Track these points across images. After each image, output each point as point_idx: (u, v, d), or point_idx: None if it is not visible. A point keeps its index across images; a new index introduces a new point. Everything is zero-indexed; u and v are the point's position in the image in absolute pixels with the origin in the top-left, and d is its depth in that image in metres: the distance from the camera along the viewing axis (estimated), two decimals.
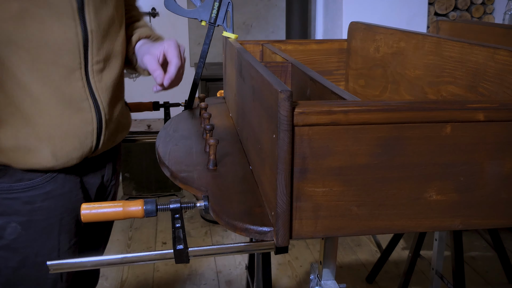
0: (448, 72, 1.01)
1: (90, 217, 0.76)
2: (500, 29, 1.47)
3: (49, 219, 0.95)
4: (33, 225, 0.94)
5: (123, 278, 2.36)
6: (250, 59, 0.95)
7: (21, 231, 0.93)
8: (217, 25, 1.19)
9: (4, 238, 0.93)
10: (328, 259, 0.94)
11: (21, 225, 0.92)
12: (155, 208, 0.77)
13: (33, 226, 0.94)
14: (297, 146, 0.68)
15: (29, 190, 0.91)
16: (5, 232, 0.92)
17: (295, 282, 2.34)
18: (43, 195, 0.93)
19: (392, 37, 1.25)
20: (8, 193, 0.90)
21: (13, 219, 0.92)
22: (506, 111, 0.71)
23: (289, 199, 0.69)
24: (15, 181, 0.90)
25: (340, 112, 0.67)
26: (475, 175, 0.73)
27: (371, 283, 2.31)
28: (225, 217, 0.77)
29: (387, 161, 0.71)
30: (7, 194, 0.90)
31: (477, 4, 3.20)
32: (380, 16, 2.97)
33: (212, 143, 0.94)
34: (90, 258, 0.78)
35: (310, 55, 1.52)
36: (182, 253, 0.77)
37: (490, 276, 2.36)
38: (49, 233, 0.96)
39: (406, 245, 2.63)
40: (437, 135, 0.71)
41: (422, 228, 0.75)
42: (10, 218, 0.92)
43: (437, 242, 1.83)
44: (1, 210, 0.91)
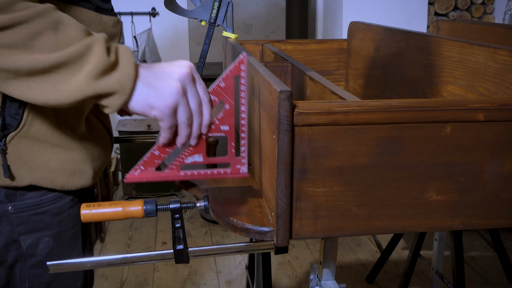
0: (448, 72, 1.01)
1: (90, 217, 0.76)
2: (500, 29, 1.47)
3: (75, 226, 0.94)
4: (63, 236, 0.92)
5: (123, 278, 2.36)
6: (250, 59, 0.95)
7: (53, 244, 0.91)
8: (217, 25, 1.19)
9: (37, 255, 0.91)
10: (328, 259, 0.94)
11: (53, 237, 0.91)
12: (155, 208, 0.77)
13: (63, 237, 0.92)
14: (297, 146, 0.68)
15: (57, 200, 0.90)
16: (38, 248, 0.90)
17: (295, 282, 2.34)
18: (69, 203, 0.92)
19: (392, 37, 1.24)
20: (38, 208, 0.88)
21: (45, 234, 0.90)
22: (506, 111, 0.71)
23: (289, 199, 0.69)
24: (42, 195, 0.88)
25: (340, 112, 0.67)
26: (475, 175, 0.73)
27: (371, 283, 2.31)
28: (225, 217, 0.77)
29: (387, 161, 0.71)
30: (36, 209, 0.88)
31: (477, 4, 3.20)
32: (380, 16, 2.97)
33: (211, 142, 0.94)
34: (90, 258, 0.78)
35: (310, 55, 1.52)
36: (182, 253, 0.76)
37: (490, 276, 2.36)
38: (75, 241, 0.95)
39: (406, 245, 2.63)
40: (437, 135, 0.71)
41: (422, 228, 0.75)
42: (42, 233, 0.90)
43: (437, 242, 1.83)
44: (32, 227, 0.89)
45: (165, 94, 0.70)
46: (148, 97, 0.70)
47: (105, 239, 2.72)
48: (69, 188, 0.89)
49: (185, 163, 0.80)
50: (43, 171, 0.85)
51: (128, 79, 0.68)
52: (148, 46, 3.22)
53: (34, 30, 0.65)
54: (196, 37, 3.39)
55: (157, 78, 0.71)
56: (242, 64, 0.77)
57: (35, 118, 0.81)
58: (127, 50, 0.70)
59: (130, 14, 3.22)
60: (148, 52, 3.24)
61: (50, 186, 0.86)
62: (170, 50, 3.34)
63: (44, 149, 0.84)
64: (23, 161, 0.83)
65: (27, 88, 0.67)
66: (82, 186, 0.91)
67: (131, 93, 0.69)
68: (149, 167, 0.79)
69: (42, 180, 0.86)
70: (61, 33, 0.66)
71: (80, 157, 0.89)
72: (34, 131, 0.82)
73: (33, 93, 0.67)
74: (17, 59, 0.64)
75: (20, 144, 0.82)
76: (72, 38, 0.66)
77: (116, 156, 3.42)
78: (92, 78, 0.66)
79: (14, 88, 0.67)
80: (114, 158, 3.41)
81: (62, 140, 0.85)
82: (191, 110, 0.73)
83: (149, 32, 3.24)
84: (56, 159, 0.86)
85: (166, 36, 3.32)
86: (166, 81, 0.70)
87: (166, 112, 0.71)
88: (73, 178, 0.89)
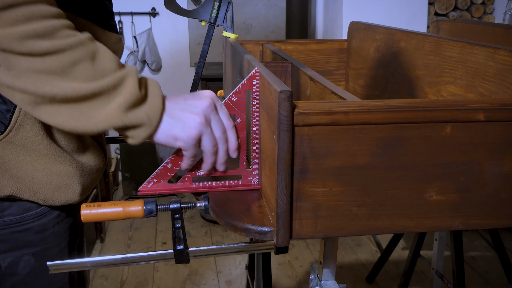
0: (448, 72, 1.01)
1: (90, 217, 0.76)
2: (500, 29, 1.47)
3: (60, 244, 0.90)
4: (46, 254, 0.88)
5: (123, 278, 2.36)
6: (250, 59, 0.95)
7: (35, 262, 0.87)
8: (217, 25, 1.19)
9: (17, 274, 0.86)
10: (328, 259, 0.94)
11: (34, 256, 0.87)
12: (155, 208, 0.77)
13: (46, 255, 0.88)
14: (297, 146, 0.68)
15: (40, 218, 0.85)
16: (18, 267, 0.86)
17: (295, 282, 2.34)
18: (54, 220, 0.88)
19: (392, 37, 1.25)
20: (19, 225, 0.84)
21: (26, 252, 0.86)
22: (506, 111, 0.71)
23: (289, 199, 0.69)
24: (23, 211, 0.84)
25: (340, 112, 0.67)
26: (475, 175, 0.73)
27: (371, 283, 2.31)
28: (225, 217, 0.77)
29: (387, 161, 0.71)
30: (17, 227, 0.84)
31: (477, 4, 3.20)
32: (380, 16, 2.97)
33: None
34: (90, 258, 0.77)
35: (310, 55, 1.52)
36: (182, 253, 0.77)
37: (490, 276, 2.36)
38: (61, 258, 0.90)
39: (406, 245, 2.63)
40: (437, 135, 0.71)
41: (422, 228, 0.75)
42: (22, 251, 0.85)
43: (437, 242, 1.83)
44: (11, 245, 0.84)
45: (189, 126, 0.73)
46: (173, 129, 0.73)
47: (105, 239, 2.72)
48: (52, 203, 0.84)
49: (197, 175, 0.82)
50: (26, 181, 0.80)
51: (156, 112, 0.71)
52: (148, 46, 3.22)
53: (74, 58, 0.66)
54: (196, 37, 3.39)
55: (182, 110, 0.73)
56: (254, 79, 0.80)
57: (24, 124, 0.78)
58: (156, 84, 0.73)
59: (130, 14, 3.22)
60: (148, 52, 3.24)
61: (31, 198, 0.82)
62: (170, 50, 3.34)
63: (30, 158, 0.80)
64: (5, 169, 0.79)
65: (58, 114, 0.68)
66: (67, 202, 0.85)
67: (157, 126, 0.72)
68: (162, 180, 0.82)
69: (24, 192, 0.81)
70: (97, 63, 0.68)
71: (68, 171, 0.83)
72: (21, 138, 0.78)
73: (63, 119, 0.68)
74: (55, 86, 0.66)
75: (5, 150, 0.78)
76: (107, 69, 0.68)
77: (116, 156, 3.42)
78: (123, 110, 0.68)
79: (44, 112, 0.68)
80: (114, 158, 3.41)
81: (50, 151, 0.81)
82: (216, 139, 0.76)
83: (149, 32, 3.24)
84: (41, 170, 0.81)
85: (166, 36, 3.32)
86: (190, 113, 0.73)
87: (190, 143, 0.74)
88: (58, 192, 0.83)
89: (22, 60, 0.65)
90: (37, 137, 0.79)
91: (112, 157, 3.42)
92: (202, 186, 0.84)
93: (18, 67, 0.65)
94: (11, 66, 0.65)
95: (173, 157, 0.80)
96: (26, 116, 0.77)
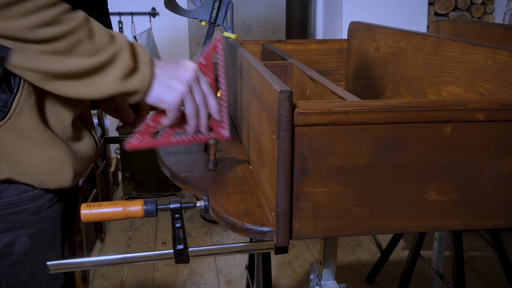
0: (448, 72, 1.01)
1: (90, 217, 0.76)
2: (500, 29, 1.47)
3: (54, 226, 0.95)
4: (41, 235, 0.93)
5: (123, 278, 2.36)
6: (250, 59, 0.95)
7: (31, 243, 0.92)
8: (217, 25, 1.19)
9: (14, 254, 0.91)
10: (328, 259, 0.94)
11: (30, 237, 0.91)
12: (155, 208, 0.77)
13: (41, 236, 0.93)
14: (297, 146, 0.68)
15: (35, 199, 0.91)
16: (15, 247, 0.91)
17: (295, 282, 2.34)
18: (48, 202, 0.93)
19: (392, 37, 1.25)
20: (15, 206, 0.89)
21: (22, 232, 0.91)
22: (506, 111, 0.71)
23: (289, 199, 0.69)
24: (20, 193, 0.89)
25: (340, 112, 0.67)
26: (475, 175, 0.73)
27: (371, 283, 2.31)
28: (225, 217, 0.77)
29: (387, 161, 0.71)
30: (14, 207, 0.89)
31: (477, 4, 3.20)
32: (380, 16, 2.97)
33: (212, 143, 0.94)
34: (90, 258, 0.78)
35: (310, 55, 1.52)
36: (182, 253, 0.77)
37: (490, 276, 2.36)
38: (54, 241, 0.96)
39: (406, 245, 2.63)
40: (437, 135, 0.71)
41: (422, 228, 0.75)
42: (19, 231, 0.90)
43: (437, 242, 1.83)
44: (9, 226, 0.89)
45: (175, 91, 0.85)
46: (161, 93, 0.85)
47: (105, 239, 2.72)
48: (47, 186, 0.90)
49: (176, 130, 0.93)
50: (23, 166, 0.87)
51: (148, 80, 0.83)
52: (148, 46, 3.22)
53: (77, 39, 0.76)
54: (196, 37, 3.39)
55: (169, 78, 0.85)
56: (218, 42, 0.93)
57: (23, 112, 0.85)
58: (144, 51, 0.83)
59: (130, 14, 3.22)
60: (148, 52, 3.23)
61: (28, 182, 0.88)
62: (170, 50, 3.34)
63: (26, 144, 0.86)
64: (4, 153, 0.85)
65: (66, 87, 0.78)
66: (60, 186, 0.91)
67: (149, 90, 0.84)
68: (146, 136, 0.92)
69: (21, 175, 0.87)
70: (95, 40, 0.78)
71: (62, 156, 0.90)
72: (19, 125, 0.85)
73: (70, 90, 0.79)
74: (61, 63, 0.75)
75: (3, 136, 0.84)
76: (103, 43, 0.78)
77: (116, 156, 3.42)
78: (120, 79, 0.79)
79: (54, 86, 0.78)
80: (114, 158, 3.41)
81: (46, 137, 0.88)
82: (197, 104, 0.87)
83: (149, 32, 3.24)
84: (37, 156, 0.87)
85: (166, 36, 3.32)
86: (175, 81, 0.85)
87: (174, 106, 0.85)
88: (52, 176, 0.90)
89: (33, 46, 0.74)
90: (34, 124, 0.86)
91: (112, 157, 3.42)
92: (181, 140, 0.94)
93: (29, 51, 0.74)
94: (23, 50, 0.74)
95: (154, 116, 0.91)
96: (25, 104, 0.84)
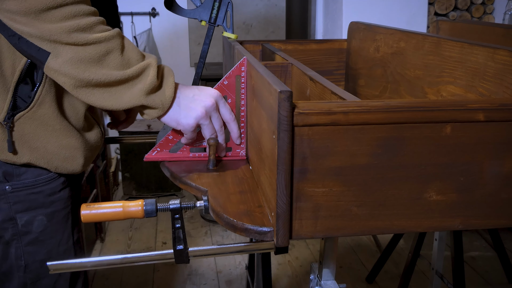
0: (448, 72, 1.01)
1: (90, 217, 0.76)
2: (500, 29, 1.47)
3: (66, 208, 1.03)
4: (56, 216, 1.01)
5: (123, 278, 2.36)
6: (250, 59, 0.95)
7: (47, 222, 1.00)
8: (217, 25, 1.19)
9: (32, 232, 0.99)
10: (328, 259, 0.94)
11: (46, 217, 1.00)
12: (155, 208, 0.77)
13: (56, 217, 1.01)
14: (297, 146, 0.68)
15: (50, 182, 0.99)
16: (33, 226, 0.99)
17: (295, 282, 2.34)
18: (61, 185, 1.01)
19: (392, 37, 1.25)
20: (33, 187, 0.97)
21: (39, 212, 0.99)
22: (506, 111, 0.71)
23: (289, 199, 0.69)
24: (37, 175, 0.97)
25: (340, 112, 0.67)
26: (475, 175, 0.73)
27: (371, 283, 2.31)
28: (225, 217, 0.77)
29: (387, 161, 0.71)
30: (32, 189, 0.97)
31: (477, 4, 3.20)
32: (380, 16, 2.96)
33: (212, 143, 0.94)
34: (90, 259, 0.78)
35: (310, 55, 1.52)
36: (182, 253, 0.77)
37: (490, 276, 2.36)
38: (66, 222, 1.04)
39: (406, 245, 2.63)
40: (437, 135, 0.71)
41: (422, 228, 0.75)
42: (36, 211, 0.98)
43: (437, 242, 1.83)
44: (27, 206, 0.97)
45: (191, 116, 0.90)
46: (178, 115, 0.90)
47: (105, 239, 2.72)
48: (61, 171, 0.98)
49: (194, 146, 0.98)
50: (41, 151, 0.95)
51: (168, 100, 0.87)
52: (148, 46, 3.22)
53: (108, 49, 0.81)
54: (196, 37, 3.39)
55: (189, 102, 0.90)
56: (243, 66, 0.95)
57: (44, 102, 0.92)
58: (171, 74, 0.89)
59: (130, 14, 3.22)
60: (148, 52, 3.23)
61: (45, 166, 0.96)
62: (170, 50, 3.34)
63: (45, 132, 0.94)
64: (25, 140, 0.93)
65: (92, 95, 0.84)
66: (72, 171, 1.00)
67: (167, 110, 0.89)
68: (164, 149, 0.98)
69: (40, 160, 0.95)
70: (125, 54, 0.83)
71: (75, 144, 0.97)
72: (40, 114, 0.92)
73: (95, 99, 0.84)
74: (91, 72, 0.81)
75: (25, 124, 0.92)
76: (133, 59, 0.84)
77: (116, 156, 3.42)
78: (143, 94, 0.84)
79: (81, 93, 0.83)
80: (114, 158, 3.41)
81: (63, 126, 0.95)
82: (216, 130, 0.94)
83: (149, 32, 3.24)
84: (54, 143, 0.95)
85: (166, 36, 3.32)
86: (194, 106, 0.90)
87: (189, 129, 0.91)
88: (66, 162, 0.98)
89: (68, 49, 0.80)
90: (53, 114, 0.93)
91: (112, 157, 3.42)
92: (198, 156, 1.00)
93: (64, 56, 0.80)
94: (59, 54, 0.80)
95: (175, 131, 0.96)
96: (46, 96, 0.91)
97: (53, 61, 0.80)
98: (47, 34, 0.78)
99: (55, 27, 0.78)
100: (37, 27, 0.78)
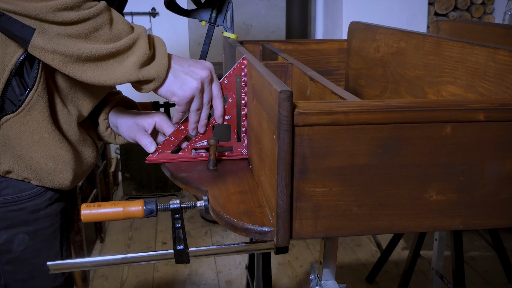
0: (448, 72, 1.01)
1: (90, 217, 0.76)
2: (500, 29, 1.47)
3: (53, 225, 0.96)
4: (40, 234, 0.94)
5: (123, 278, 2.36)
6: (250, 59, 0.95)
7: (29, 241, 0.93)
8: (217, 25, 1.19)
9: (12, 251, 0.92)
10: (328, 259, 0.94)
11: (29, 235, 0.92)
12: (155, 208, 0.77)
13: (40, 235, 0.94)
14: (297, 146, 0.68)
15: (34, 198, 0.92)
16: (13, 244, 0.92)
17: (295, 282, 2.34)
18: (47, 201, 0.94)
19: (392, 37, 1.24)
20: (14, 204, 0.90)
21: (20, 230, 0.92)
22: (506, 111, 0.71)
23: (289, 199, 0.69)
24: (19, 191, 0.90)
25: (340, 112, 0.67)
26: (475, 175, 0.73)
27: (371, 283, 2.31)
28: (225, 217, 0.77)
29: (387, 161, 0.71)
30: (13, 205, 0.90)
31: (477, 4, 3.20)
32: (380, 16, 2.97)
33: (212, 143, 0.94)
34: (90, 259, 0.78)
35: (310, 55, 1.52)
36: (182, 253, 0.77)
37: (490, 276, 2.36)
38: (53, 239, 0.96)
39: (406, 245, 2.63)
40: (437, 135, 0.71)
41: (422, 228, 0.75)
42: (17, 229, 0.91)
43: (437, 242, 1.83)
44: (7, 223, 0.90)
45: (187, 87, 0.87)
46: (173, 86, 0.87)
47: (105, 239, 2.72)
48: (47, 184, 0.92)
49: (196, 146, 0.98)
50: (25, 159, 0.88)
51: (163, 70, 0.85)
52: None
53: (96, 24, 0.78)
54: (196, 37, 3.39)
55: (184, 73, 0.87)
56: (243, 65, 0.95)
57: (34, 108, 0.86)
58: (162, 43, 0.86)
59: (130, 14, 3.22)
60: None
61: (28, 176, 0.89)
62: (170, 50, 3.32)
63: (32, 139, 0.88)
64: (9, 145, 0.87)
65: (83, 71, 0.80)
66: (59, 186, 0.93)
67: (164, 81, 0.86)
68: (166, 150, 0.97)
69: (22, 169, 0.89)
70: (114, 27, 0.80)
71: (64, 156, 0.91)
72: (29, 120, 0.86)
73: (86, 76, 0.80)
74: (80, 47, 0.78)
75: (12, 128, 0.86)
76: (122, 32, 0.81)
77: (116, 156, 3.42)
78: (137, 67, 0.81)
79: (70, 68, 0.80)
80: (114, 158, 3.41)
81: (52, 135, 0.89)
82: (203, 103, 0.90)
83: (149, 32, 3.24)
84: (40, 152, 0.89)
85: (166, 36, 3.31)
86: (190, 77, 0.87)
87: (184, 100, 0.88)
88: (52, 175, 0.91)
89: (54, 27, 0.76)
90: (43, 121, 0.87)
91: (112, 157, 3.42)
92: (200, 156, 0.99)
93: (50, 32, 0.76)
94: (45, 31, 0.76)
95: (175, 131, 0.95)
96: (38, 101, 0.86)
97: (38, 38, 0.76)
98: (31, 12, 0.74)
99: (40, 5, 0.74)
100: (20, 5, 0.74)
